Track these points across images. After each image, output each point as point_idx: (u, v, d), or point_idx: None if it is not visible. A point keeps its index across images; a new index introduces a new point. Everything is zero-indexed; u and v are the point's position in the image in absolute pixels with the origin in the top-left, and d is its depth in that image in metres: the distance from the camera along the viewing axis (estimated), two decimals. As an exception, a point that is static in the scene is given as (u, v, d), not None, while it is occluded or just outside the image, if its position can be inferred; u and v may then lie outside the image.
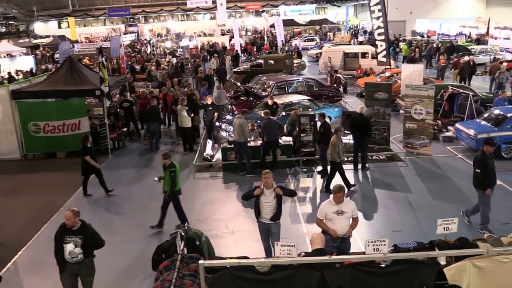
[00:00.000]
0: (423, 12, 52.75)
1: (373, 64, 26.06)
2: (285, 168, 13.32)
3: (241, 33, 53.31)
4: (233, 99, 19.17)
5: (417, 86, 14.81)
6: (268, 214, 7.68)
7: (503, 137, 13.38)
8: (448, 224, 6.08)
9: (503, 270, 4.23)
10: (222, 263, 4.84)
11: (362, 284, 4.57)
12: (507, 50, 34.94)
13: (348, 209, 7.05)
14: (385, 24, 23.53)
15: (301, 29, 62.46)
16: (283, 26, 42.80)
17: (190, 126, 15.27)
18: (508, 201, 10.86)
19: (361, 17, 64.33)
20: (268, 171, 7.72)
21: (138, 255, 8.84)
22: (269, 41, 47.40)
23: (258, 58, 32.02)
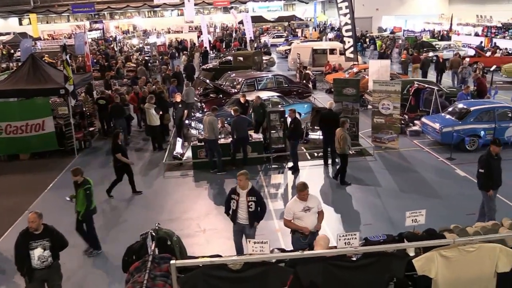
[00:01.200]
0: (389, 9, 53.70)
1: (341, 60, 26.35)
2: (256, 165, 13.32)
3: (210, 29, 53.01)
4: (203, 97, 19.04)
5: (384, 82, 15.05)
6: (243, 215, 7.62)
7: (466, 130, 13.76)
8: (416, 216, 6.21)
9: (468, 259, 4.34)
10: (194, 263, 4.79)
11: (334, 278, 4.61)
12: (469, 46, 35.96)
13: (313, 205, 7.10)
14: (352, 20, 23.81)
15: (269, 26, 62.61)
16: (251, 23, 42.76)
17: (159, 124, 15.09)
18: (473, 192, 11.16)
19: (329, 14, 64.98)
20: (242, 172, 7.63)
21: (107, 257, 8.68)
22: (238, 37, 47.29)
23: (227, 55, 31.90)
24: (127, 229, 9.62)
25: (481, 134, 13.81)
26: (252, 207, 7.52)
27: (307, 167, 13.24)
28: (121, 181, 11.57)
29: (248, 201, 7.49)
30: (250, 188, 7.57)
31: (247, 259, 4.69)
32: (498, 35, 39.79)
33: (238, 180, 7.55)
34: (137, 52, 37.62)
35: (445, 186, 11.57)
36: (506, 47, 33.50)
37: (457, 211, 10.05)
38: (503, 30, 40.57)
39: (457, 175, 12.25)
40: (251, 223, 7.61)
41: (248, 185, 7.57)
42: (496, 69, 23.66)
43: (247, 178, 7.55)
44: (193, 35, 48.21)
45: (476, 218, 9.04)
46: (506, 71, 24.89)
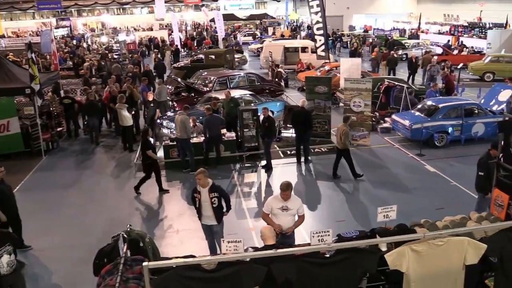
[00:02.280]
0: (359, 7, 54.37)
1: (312, 58, 26.52)
2: (229, 164, 13.29)
3: (181, 27, 52.58)
4: (174, 95, 18.86)
5: (355, 80, 15.23)
6: (208, 213, 7.63)
7: (435, 127, 14.07)
8: (387, 212, 6.30)
9: (438, 253, 4.42)
10: (167, 264, 4.72)
11: (308, 275, 4.63)
12: (437, 44, 36.77)
13: (293, 206, 7.08)
14: (323, 19, 24.01)
15: (241, 24, 62.53)
16: (223, 21, 42.62)
17: (131, 124, 14.88)
18: (442, 187, 11.45)
19: (301, 12, 65.30)
20: (199, 171, 7.58)
21: (78, 261, 8.50)
22: (210, 35, 47.06)
23: (199, 53, 31.70)
24: (98, 231, 9.43)
25: (449, 131, 14.15)
26: (215, 202, 7.56)
27: (280, 165, 13.28)
28: (150, 178, 11.49)
29: (211, 197, 7.52)
30: (211, 185, 7.58)
31: (221, 259, 4.66)
32: (464, 33, 40.79)
33: (197, 179, 7.53)
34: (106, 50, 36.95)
35: (415, 181, 11.80)
36: (472, 46, 34.40)
37: (427, 206, 10.27)
38: (469, 29, 41.62)
39: (426, 171, 12.50)
40: (218, 219, 7.66)
41: (208, 182, 7.57)
42: (463, 67, 24.25)
43: (205, 176, 7.54)
44: (163, 33, 47.68)
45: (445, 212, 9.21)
46: (473, 68, 25.55)
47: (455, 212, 7.97)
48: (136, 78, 20.48)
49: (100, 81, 21.99)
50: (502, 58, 25.23)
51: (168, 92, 18.46)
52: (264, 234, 6.01)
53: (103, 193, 11.71)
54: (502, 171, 8.11)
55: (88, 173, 13.16)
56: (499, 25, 36.69)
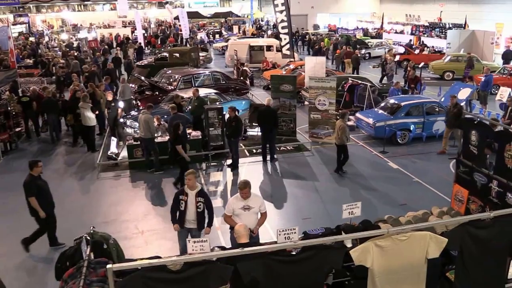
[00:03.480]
0: (323, 6, 54.88)
1: (278, 57, 26.63)
2: (195, 163, 13.17)
3: (144, 25, 51.78)
4: (138, 94, 18.55)
5: (320, 78, 15.38)
6: (191, 217, 7.45)
7: (398, 125, 14.39)
8: (352, 209, 6.39)
9: (401, 247, 4.51)
10: (132, 265, 4.63)
11: (274, 273, 4.63)
12: (399, 43, 37.62)
13: (255, 205, 7.08)
14: (288, 17, 24.14)
15: (206, 22, 62.14)
16: (187, 19, 42.22)
17: (94, 124, 14.55)
18: (404, 184, 11.71)
19: (265, 11, 65.45)
20: (191, 171, 7.48)
21: (39, 265, 8.24)
22: (174, 33, 46.54)
23: (163, 51, 31.29)
24: (59, 234, 9.14)
25: (411, 128, 14.49)
26: (200, 207, 7.39)
27: (246, 164, 13.27)
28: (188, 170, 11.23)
29: (197, 201, 7.36)
30: (200, 189, 7.44)
31: (187, 259, 4.60)
32: (425, 33, 41.86)
33: (186, 179, 7.38)
34: (66, 47, 35.95)
35: (379, 178, 12.02)
36: (433, 45, 35.37)
37: (391, 202, 10.49)
38: (430, 29, 42.75)
39: (390, 168, 12.76)
40: (199, 225, 7.48)
41: (196, 185, 7.44)
42: (424, 66, 24.94)
43: (195, 177, 7.44)
44: (126, 30, 46.82)
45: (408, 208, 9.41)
46: (433, 68, 26.26)
47: (417, 208, 8.18)
48: (95, 76, 20.02)
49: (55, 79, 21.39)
50: (461, 58, 26.04)
51: (131, 90, 18.15)
52: (239, 232, 5.98)
53: (65, 195, 11.37)
54: (461, 167, 8.36)
55: (49, 175, 12.71)
56: (458, 25, 37.82)
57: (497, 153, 7.50)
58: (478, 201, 7.90)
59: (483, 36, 31.18)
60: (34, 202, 8.38)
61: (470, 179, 8.03)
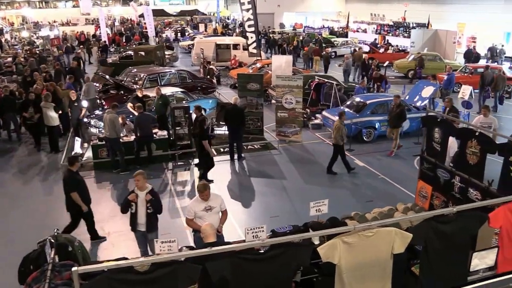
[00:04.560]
0: (289, 5, 55.29)
1: (244, 55, 26.63)
2: (162, 163, 13.04)
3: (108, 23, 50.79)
4: (102, 93, 18.18)
5: (286, 77, 15.45)
6: (142, 220, 7.31)
7: (363, 122, 14.62)
8: (319, 206, 6.46)
9: (368, 243, 4.56)
10: (98, 267, 4.53)
11: (243, 272, 4.62)
12: (364, 42, 38.27)
13: (216, 204, 7.06)
14: (254, 16, 24.15)
15: (172, 20, 61.53)
16: (153, 17, 41.64)
17: (58, 124, 14.16)
18: (370, 181, 11.91)
19: (232, 9, 65.37)
20: (138, 172, 7.31)
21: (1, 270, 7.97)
22: (139, 31, 45.86)
23: (128, 49, 30.78)
24: (22, 237, 8.87)
25: (377, 126, 14.75)
26: (150, 208, 7.27)
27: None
28: (214, 166, 11.58)
29: (147, 202, 7.24)
30: (150, 189, 7.32)
31: (154, 260, 4.54)
32: (390, 33, 42.75)
33: (135, 180, 7.24)
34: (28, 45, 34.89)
35: (346, 176, 12.18)
36: (397, 44, 36.14)
37: (357, 199, 10.64)
38: (394, 28, 43.68)
39: (356, 165, 12.93)
40: (149, 227, 7.33)
41: (147, 186, 7.30)
42: (388, 65, 25.46)
43: (144, 177, 7.27)
44: (90, 28, 45.81)
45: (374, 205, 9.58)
46: (398, 66, 26.82)
47: (383, 204, 8.34)
48: (61, 75, 19.52)
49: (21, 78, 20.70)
50: (425, 56, 26.70)
51: (96, 89, 17.76)
52: (206, 232, 5.94)
53: (28, 197, 11.06)
54: (425, 163, 8.57)
55: (9, 177, 12.37)
56: (422, 25, 38.82)
57: (459, 149, 7.72)
58: (442, 196, 8.12)
59: (446, 35, 32.11)
60: (76, 197, 8.49)
61: (434, 175, 8.24)
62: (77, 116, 14.49)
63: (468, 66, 23.00)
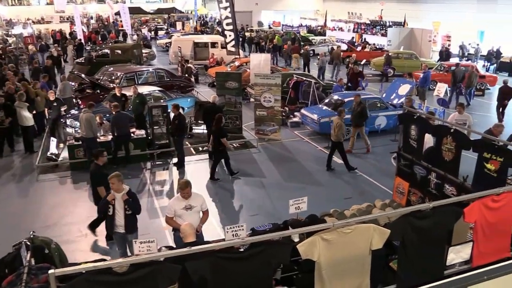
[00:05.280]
0: (267, 3, 55.39)
1: (223, 53, 26.56)
2: (140, 163, 12.91)
3: (83, 20, 50.03)
4: (78, 92, 17.89)
5: (265, 75, 15.47)
6: (120, 222, 7.18)
7: (341, 120, 14.69)
8: (299, 204, 6.48)
9: (346, 240, 4.61)
10: (76, 270, 4.46)
11: (223, 270, 4.61)
12: (342, 41, 38.58)
13: (196, 203, 7.01)
14: (232, 14, 24.07)
15: (149, 18, 60.96)
16: (129, 14, 41.19)
17: (32, 124, 13.88)
18: (349, 178, 12.02)
19: (210, 7, 65.10)
20: (113, 175, 7.15)
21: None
22: (115, 30, 45.30)
23: (104, 47, 30.35)
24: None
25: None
26: (129, 209, 7.15)
27: (192, 162, 13.15)
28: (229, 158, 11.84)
29: (125, 204, 7.12)
30: (127, 190, 7.20)
31: (133, 261, 4.49)
32: (367, 31, 43.20)
33: (110, 183, 7.10)
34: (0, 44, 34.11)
35: (324, 173, 12.27)
36: (374, 43, 36.54)
37: (336, 196, 10.72)
38: (371, 26, 44.15)
39: (335, 163, 13.01)
40: (128, 229, 7.20)
41: (123, 188, 7.18)
42: (366, 63, 25.73)
43: (119, 180, 7.11)
44: (65, 26, 45.02)
45: (353, 201, 9.67)
46: (375, 64, 27.14)
47: (361, 201, 8.44)
48: (39, 73, 19.13)
49: None
50: (401, 55, 27.08)
51: (72, 88, 17.47)
52: (185, 232, 5.91)
53: (2, 200, 10.82)
54: (402, 160, 8.69)
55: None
56: (398, 23, 39.35)
57: (435, 146, 7.86)
58: (418, 192, 8.25)
59: (421, 34, 32.64)
60: (102, 192, 8.33)
61: (411, 172, 8.37)
62: (55, 116, 14.23)
63: (443, 64, 23.41)
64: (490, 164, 6.63)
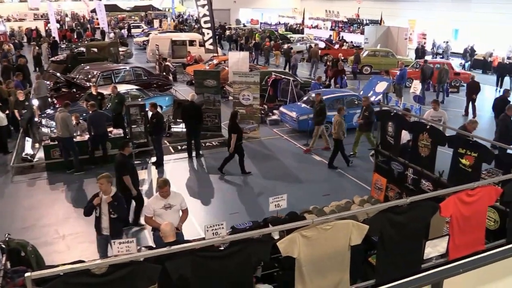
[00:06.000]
0: (246, 1, 55.38)
1: (201, 51, 26.44)
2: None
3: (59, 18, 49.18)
4: (54, 91, 17.57)
5: (243, 73, 15.45)
6: (105, 224, 7.06)
7: (320, 117, 14.76)
8: (278, 201, 6.51)
9: (326, 236, 4.64)
10: (53, 272, 4.39)
11: (203, 269, 4.60)
12: (319, 39, 38.82)
13: (176, 202, 6.98)
14: (210, 12, 23.97)
15: (125, 15, 60.25)
16: (105, 12, 40.61)
17: (6, 124, 13.58)
18: (328, 175, 12.11)
19: (187, 4, 64.70)
20: (102, 175, 7.02)
21: None
22: (91, 28, 44.64)
23: (80, 46, 29.88)
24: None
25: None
26: (113, 213, 7.04)
27: (171, 161, 13.06)
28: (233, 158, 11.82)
29: (110, 207, 7.00)
30: (114, 193, 7.09)
31: (112, 261, 4.44)
32: (345, 29, 43.54)
33: (99, 184, 6.96)
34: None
35: (303, 170, 12.33)
36: (352, 41, 36.85)
37: (315, 193, 10.79)
38: (349, 25, 44.52)
39: (313, 160, 13.13)
40: (112, 233, 7.07)
41: (111, 189, 7.07)
42: (343, 60, 25.90)
43: (109, 181, 7.01)
44: (39, 23, 44.14)
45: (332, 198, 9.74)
46: (352, 62, 27.35)
47: (340, 197, 8.51)
48: (10, 72, 18.73)
49: None
50: (378, 52, 27.39)
51: (47, 87, 17.15)
52: (165, 232, 5.87)
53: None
54: (380, 157, 8.79)
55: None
56: (375, 21, 39.78)
57: (412, 142, 7.98)
58: (396, 188, 8.36)
59: (398, 32, 33.04)
60: (128, 181, 8.63)
61: (388, 168, 8.47)
62: (28, 117, 13.94)
63: (419, 62, 23.77)
64: (465, 160, 6.76)
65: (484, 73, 26.69)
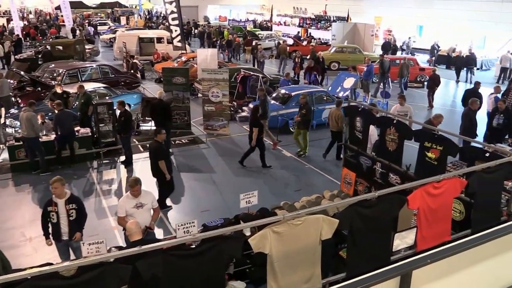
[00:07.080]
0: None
1: (169, 49, 26.15)
2: (86, 162, 12.52)
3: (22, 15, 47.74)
4: (18, 90, 17.07)
5: (212, 70, 15.39)
6: (66, 228, 6.84)
7: (289, 114, 14.90)
8: (249, 198, 6.53)
9: (297, 232, 4.68)
10: (20, 276, 4.28)
11: (175, 268, 4.57)
12: (288, 35, 38.99)
13: (147, 201, 6.91)
14: (178, 9, 23.70)
15: (91, 12, 59.02)
16: (70, 9, 39.64)
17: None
18: (298, 170, 12.21)
19: (154, 1, 63.86)
20: (56, 179, 6.78)
21: None
22: (56, 25, 43.51)
23: (44, 43, 29.08)
24: None
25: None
26: (73, 215, 6.81)
27: (140, 160, 12.89)
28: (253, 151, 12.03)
29: (68, 209, 6.78)
30: (69, 196, 6.88)
31: (81, 263, 4.37)
32: (312, 26, 43.84)
33: (53, 188, 6.73)
34: None
35: (274, 166, 12.38)
36: (319, 37, 37.16)
37: (286, 189, 10.87)
38: (316, 21, 44.85)
39: (284, 156, 13.21)
40: (71, 234, 6.86)
41: (65, 193, 6.86)
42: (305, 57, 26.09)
43: (62, 184, 6.80)
44: (1, 20, 42.76)
45: (303, 193, 9.82)
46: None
47: (311, 192, 8.60)
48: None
49: None
50: (345, 49, 27.72)
51: (10, 86, 16.64)
52: (130, 230, 5.80)
53: None
54: (348, 151, 8.92)
55: None
56: (342, 18, 40.21)
57: (379, 137, 8.12)
58: (365, 182, 8.50)
59: (364, 28, 33.50)
60: (163, 165, 9.14)
61: (357, 163, 8.60)
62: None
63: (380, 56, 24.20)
64: (431, 153, 6.92)
65: (447, 68, 27.40)
